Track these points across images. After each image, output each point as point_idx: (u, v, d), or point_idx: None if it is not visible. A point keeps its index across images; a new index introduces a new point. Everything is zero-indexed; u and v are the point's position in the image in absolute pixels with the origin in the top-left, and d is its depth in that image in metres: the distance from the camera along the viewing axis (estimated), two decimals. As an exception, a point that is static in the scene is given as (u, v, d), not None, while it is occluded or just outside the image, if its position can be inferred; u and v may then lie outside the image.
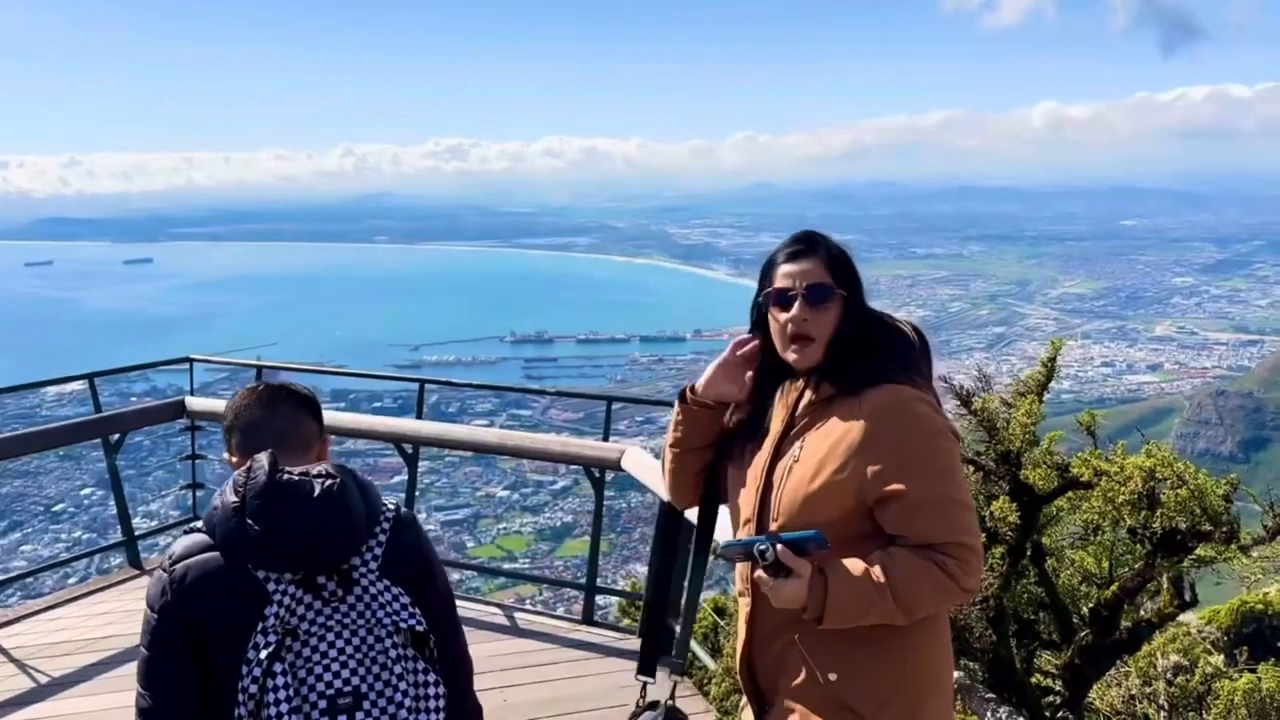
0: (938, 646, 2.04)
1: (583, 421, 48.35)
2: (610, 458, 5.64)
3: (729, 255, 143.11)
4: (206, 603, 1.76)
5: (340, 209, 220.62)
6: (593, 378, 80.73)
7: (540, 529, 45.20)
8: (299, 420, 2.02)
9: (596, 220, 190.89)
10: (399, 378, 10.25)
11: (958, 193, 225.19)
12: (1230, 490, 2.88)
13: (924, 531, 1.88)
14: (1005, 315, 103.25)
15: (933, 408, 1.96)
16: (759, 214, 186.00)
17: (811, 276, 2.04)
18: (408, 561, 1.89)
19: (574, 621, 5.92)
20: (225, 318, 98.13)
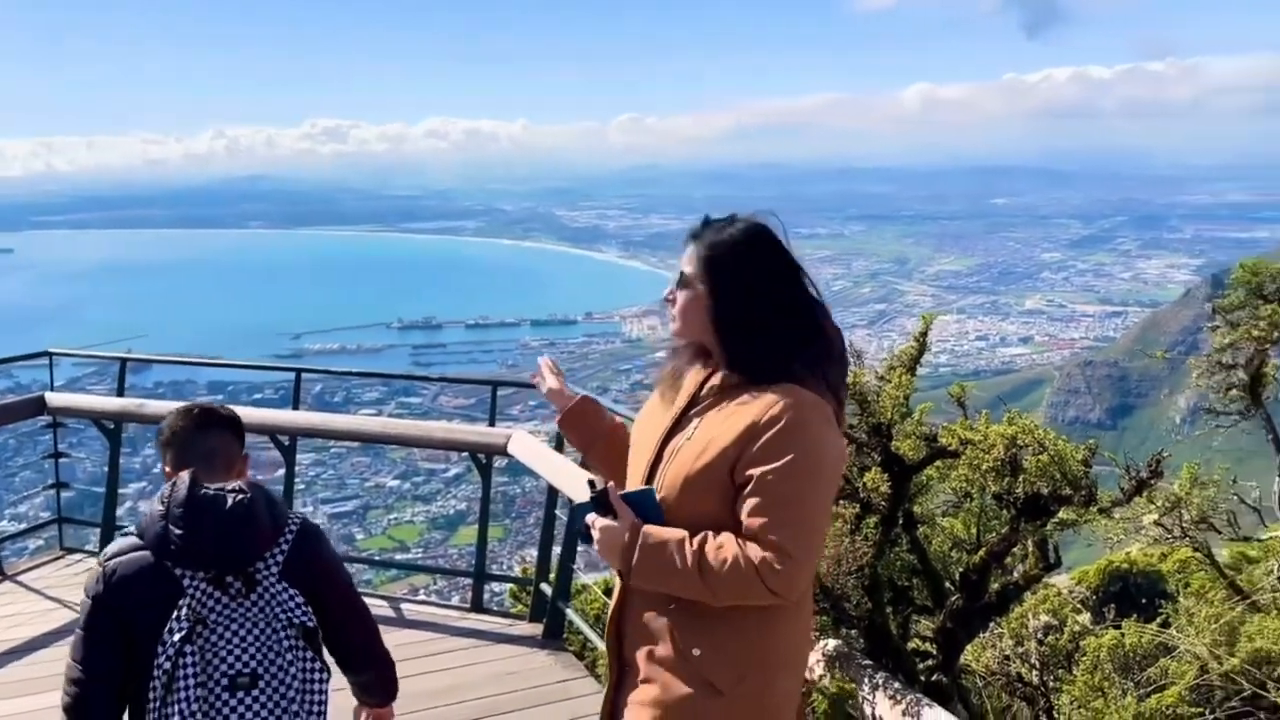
0: (797, 629, 2.09)
1: (474, 408, 47.86)
2: (496, 443, 5.58)
3: (618, 237, 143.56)
4: (132, 594, 2.13)
5: (213, 193, 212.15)
6: (483, 363, 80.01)
7: (433, 517, 44.65)
8: (226, 442, 2.40)
9: (483, 203, 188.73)
10: (275, 367, 9.91)
11: (838, 173, 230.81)
12: (1089, 455, 3.01)
13: (762, 525, 1.90)
14: (886, 293, 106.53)
15: (824, 415, 1.97)
16: (647, 195, 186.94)
17: (684, 263, 2.11)
18: (306, 566, 2.25)
19: (463, 610, 5.86)
20: (92, 309, 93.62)
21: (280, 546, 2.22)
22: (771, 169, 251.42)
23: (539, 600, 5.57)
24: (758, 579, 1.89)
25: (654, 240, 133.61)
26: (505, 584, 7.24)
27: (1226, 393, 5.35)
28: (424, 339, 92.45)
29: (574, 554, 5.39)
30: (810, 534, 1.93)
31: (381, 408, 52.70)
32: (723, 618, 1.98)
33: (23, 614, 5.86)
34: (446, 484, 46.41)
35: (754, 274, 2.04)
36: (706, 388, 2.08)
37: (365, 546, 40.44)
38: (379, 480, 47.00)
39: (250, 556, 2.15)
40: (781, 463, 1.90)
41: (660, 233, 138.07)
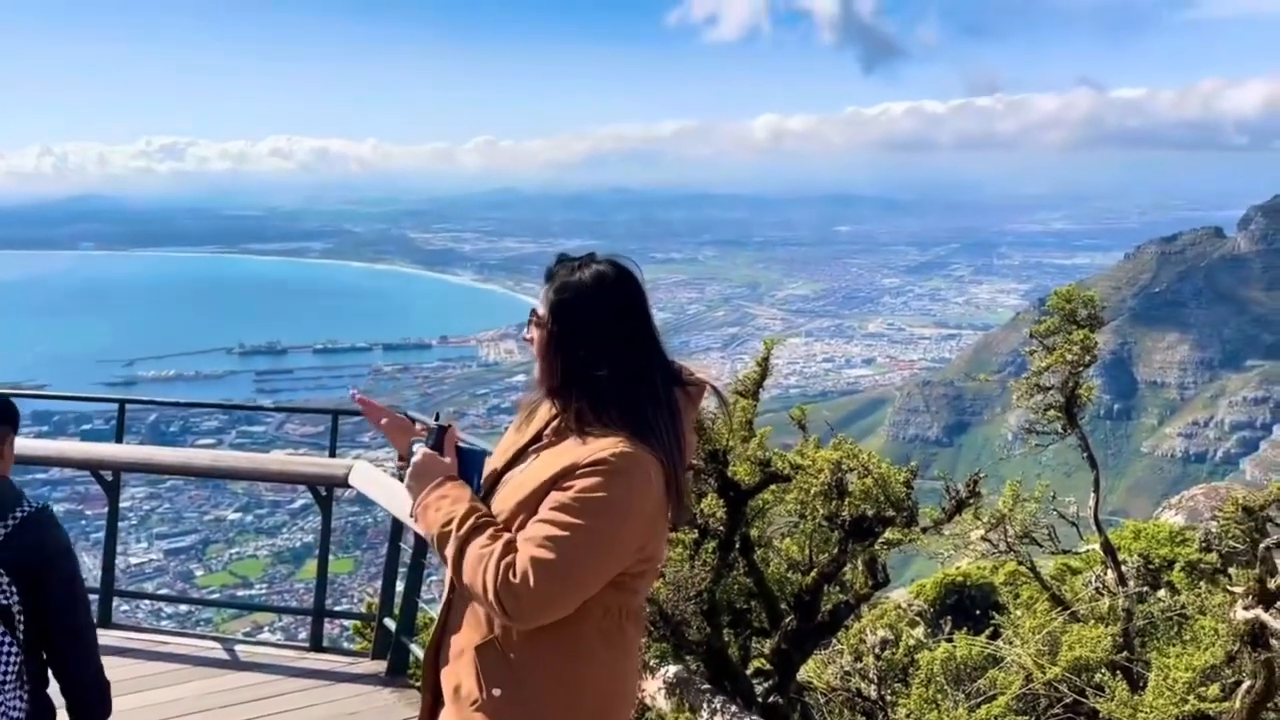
0: (614, 678, 2.05)
1: (323, 435, 46.17)
2: (337, 475, 5.39)
3: (473, 260, 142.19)
4: None
5: (39, 213, 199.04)
6: (332, 389, 77.53)
7: (278, 551, 42.94)
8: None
9: (332, 224, 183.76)
10: (98, 398, 9.36)
11: (692, 200, 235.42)
12: (910, 477, 3.15)
13: (523, 540, 1.88)
14: (738, 316, 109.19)
15: (645, 477, 1.93)
16: (503, 219, 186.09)
17: (539, 302, 2.07)
18: (23, 552, 2.47)
19: (302, 649, 5.63)
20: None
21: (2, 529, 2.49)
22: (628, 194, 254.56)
23: (383, 636, 5.41)
24: (493, 585, 1.83)
25: (510, 263, 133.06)
26: (351, 620, 7.01)
27: (1045, 413, 5.70)
28: (268, 364, 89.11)
29: (419, 587, 5.26)
30: (564, 573, 1.86)
31: (222, 437, 50.31)
32: (531, 656, 1.95)
33: None
34: (292, 515, 44.72)
35: (598, 323, 2.01)
36: (550, 426, 2.06)
37: (205, 584, 38.50)
38: (219, 513, 44.91)
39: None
40: (576, 495, 1.88)
41: (516, 256, 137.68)
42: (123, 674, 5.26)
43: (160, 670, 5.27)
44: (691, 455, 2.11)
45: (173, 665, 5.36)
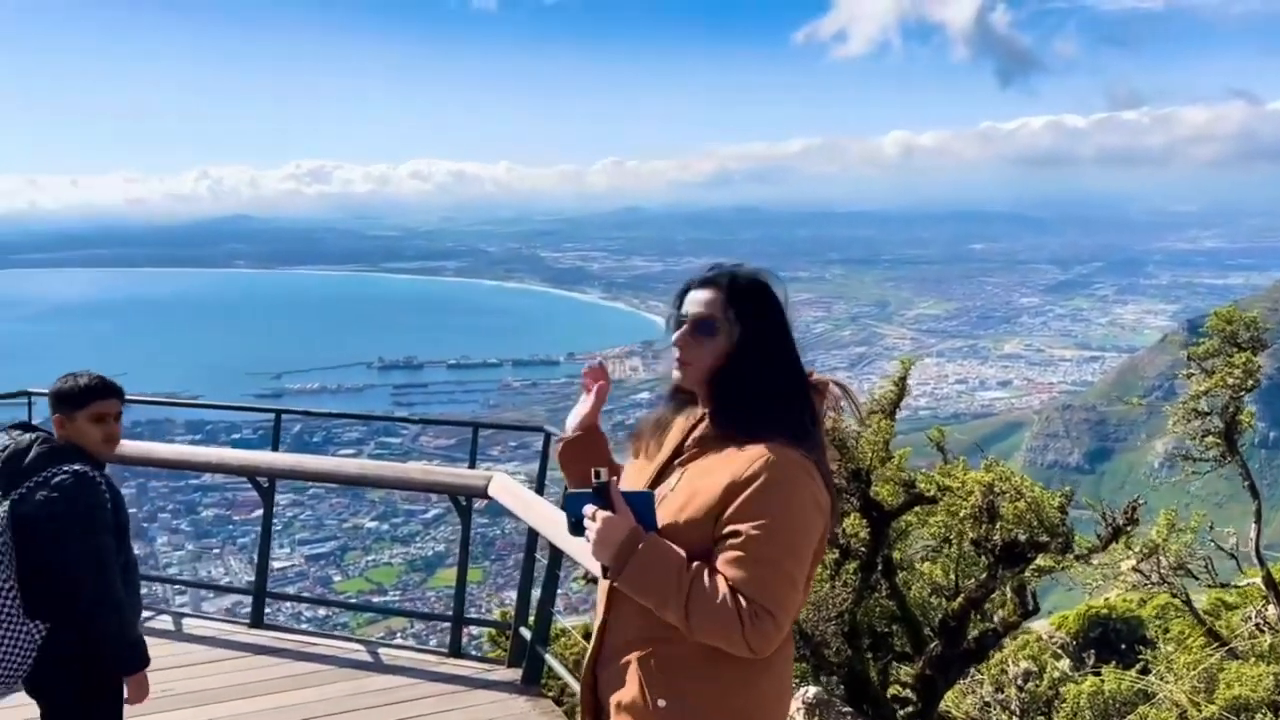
0: (772, 685, 2.06)
1: (455, 448, 47.51)
2: (477, 485, 5.54)
3: (601, 279, 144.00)
4: None
5: (195, 233, 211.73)
6: (464, 403, 79.62)
7: (411, 559, 44.16)
8: (54, 404, 3.28)
9: (466, 244, 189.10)
10: (254, 408, 9.89)
11: (818, 218, 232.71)
12: (1065, 502, 3.03)
13: (741, 580, 1.89)
14: (866, 335, 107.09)
15: (807, 473, 1.96)
16: (630, 238, 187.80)
17: (705, 307, 2.08)
18: (30, 503, 3.07)
19: (441, 654, 5.78)
20: (70, 348, 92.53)
21: (24, 486, 3.10)
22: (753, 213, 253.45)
23: (518, 644, 5.51)
24: (739, 629, 1.87)
25: (636, 282, 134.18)
26: (484, 628, 7.17)
27: (1203, 439, 5.40)
28: (405, 379, 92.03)
29: (554, 597, 5.35)
30: (790, 594, 1.93)
31: (361, 448, 52.24)
32: (695, 670, 1.96)
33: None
34: (425, 525, 46.00)
35: (769, 326, 2.07)
36: (692, 438, 2.08)
37: (343, 589, 39.89)
38: (357, 521, 46.53)
39: (8, 484, 3.10)
40: (762, 522, 1.89)
41: (643, 275, 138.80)
42: (275, 673, 5.52)
43: (309, 670, 5.51)
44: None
45: (320, 666, 5.59)
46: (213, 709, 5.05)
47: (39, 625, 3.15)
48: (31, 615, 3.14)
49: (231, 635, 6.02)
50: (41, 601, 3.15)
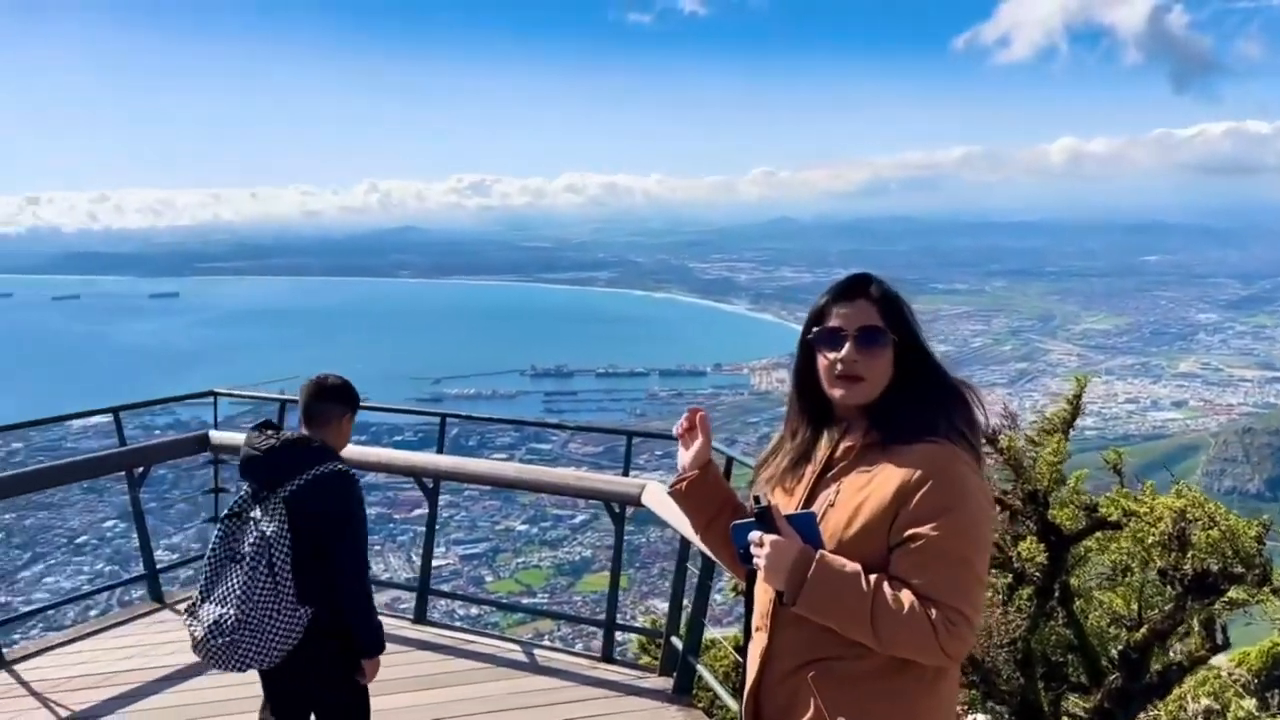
0: (945, 698, 2.02)
1: (602, 455, 48.19)
2: (631, 493, 5.61)
3: (748, 290, 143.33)
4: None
5: (364, 243, 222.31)
6: (612, 411, 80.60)
7: (559, 563, 44.97)
8: (325, 406, 3.70)
9: (617, 255, 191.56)
10: (420, 411, 10.25)
11: (978, 228, 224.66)
12: (1263, 532, 2.83)
13: (929, 583, 1.85)
14: (1028, 351, 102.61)
15: (974, 471, 1.94)
16: (779, 249, 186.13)
17: (863, 318, 2.04)
18: (307, 497, 3.44)
19: (593, 659, 5.87)
20: (248, 351, 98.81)
21: (296, 481, 3.45)
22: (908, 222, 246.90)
23: (669, 654, 5.54)
24: (933, 636, 1.82)
25: (785, 293, 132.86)
26: (633, 634, 7.23)
27: None
28: (555, 386, 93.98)
29: (705, 608, 5.35)
30: (979, 592, 1.89)
31: (513, 452, 53.57)
32: (872, 686, 1.92)
33: (176, 642, 6.15)
34: (573, 530, 46.76)
35: (915, 333, 2.05)
36: (841, 449, 2.05)
37: (494, 589, 40.96)
38: (508, 524, 47.70)
39: (272, 480, 3.47)
40: (943, 520, 1.85)
41: (791, 286, 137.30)
42: (438, 668, 5.73)
43: (469, 667, 5.68)
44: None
45: (480, 664, 5.77)
46: (381, 700, 5.25)
47: (307, 610, 3.47)
48: (301, 601, 3.46)
49: (397, 630, 6.27)
50: (311, 588, 3.46)
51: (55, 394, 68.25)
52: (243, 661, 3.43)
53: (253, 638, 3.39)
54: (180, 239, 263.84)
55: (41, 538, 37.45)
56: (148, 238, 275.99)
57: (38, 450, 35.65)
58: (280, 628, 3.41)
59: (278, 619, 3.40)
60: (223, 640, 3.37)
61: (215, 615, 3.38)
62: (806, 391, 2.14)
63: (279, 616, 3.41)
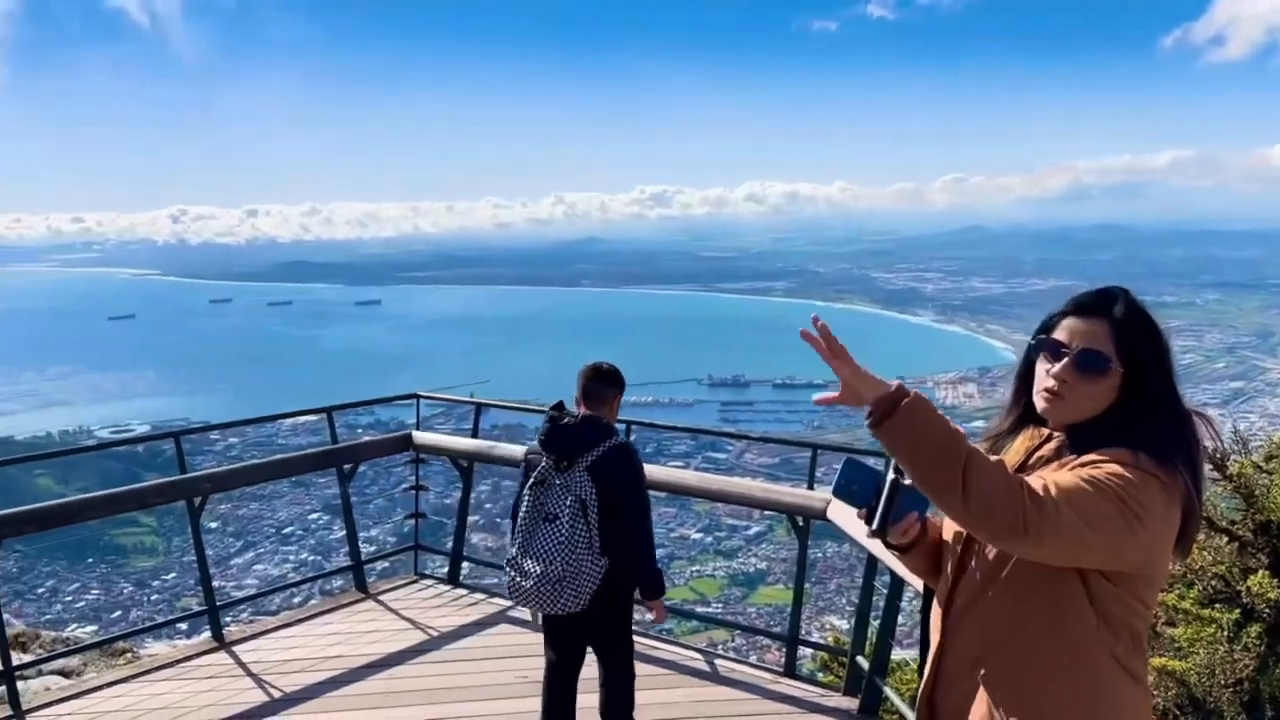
0: (1133, 703, 1.90)
1: (778, 467, 47.79)
2: (815, 507, 5.55)
3: (935, 300, 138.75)
4: (528, 463, 4.38)
5: (550, 254, 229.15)
6: (788, 423, 79.68)
7: (733, 574, 44.81)
8: (599, 387, 4.39)
9: (797, 264, 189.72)
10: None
11: (1191, 236, 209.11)
12: None
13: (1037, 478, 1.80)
14: (1244, 369, 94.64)
15: (1169, 501, 1.82)
16: (969, 258, 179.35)
17: (1090, 339, 1.94)
18: (604, 467, 4.17)
19: (775, 673, 5.82)
20: (443, 356, 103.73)
21: (594, 452, 4.17)
22: (1112, 231, 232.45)
23: (854, 672, 5.43)
24: (1019, 493, 1.72)
25: (974, 304, 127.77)
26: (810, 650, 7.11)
27: None
28: (732, 396, 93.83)
29: (894, 628, 5.21)
30: (1085, 509, 1.75)
31: (689, 460, 53.88)
32: (1045, 682, 1.86)
33: (381, 631, 6.52)
34: (748, 541, 46.50)
35: (1158, 372, 1.93)
36: (1035, 458, 2.00)
37: (669, 596, 41.27)
38: (683, 531, 47.95)
39: (571, 452, 4.17)
40: (1098, 472, 1.79)
41: (981, 297, 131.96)
42: (622, 670, 5.82)
43: (653, 673, 5.74)
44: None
45: (662, 670, 5.82)
46: (565, 698, 5.41)
47: (605, 560, 4.19)
48: (602, 553, 4.18)
49: (581, 631, 6.42)
50: (609, 541, 4.18)
51: (268, 392, 73.81)
52: (566, 605, 4.13)
53: (574, 585, 4.11)
54: (383, 250, 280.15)
55: (252, 527, 40.52)
56: (354, 248, 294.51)
57: (252, 445, 38.60)
58: (591, 575, 4.14)
59: (591, 568, 4.14)
60: (550, 587, 4.09)
61: (541, 568, 4.10)
62: (1022, 392, 2.10)
63: (591, 566, 4.14)
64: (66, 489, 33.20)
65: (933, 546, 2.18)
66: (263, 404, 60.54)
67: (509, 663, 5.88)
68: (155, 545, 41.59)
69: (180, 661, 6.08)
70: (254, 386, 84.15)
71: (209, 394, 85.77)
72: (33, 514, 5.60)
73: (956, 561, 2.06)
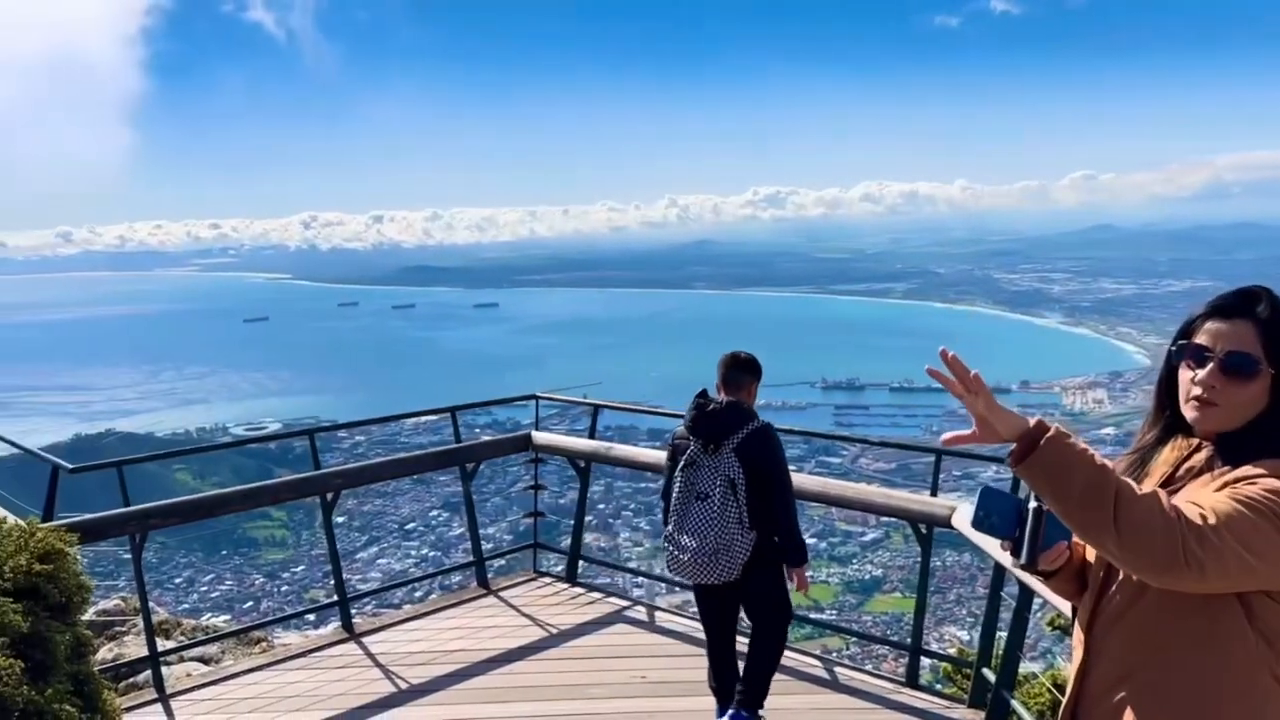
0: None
1: (894, 473, 46.78)
2: (940, 514, 5.41)
3: (1062, 302, 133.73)
4: (674, 446, 4.86)
5: (663, 257, 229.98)
6: (905, 428, 77.90)
7: (848, 581, 44.10)
8: (738, 375, 4.79)
9: (915, 265, 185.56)
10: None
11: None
12: None
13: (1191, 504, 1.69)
14: None
15: None
16: (1098, 258, 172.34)
17: (1235, 341, 1.84)
18: (750, 448, 4.58)
19: (896, 683, 5.70)
20: (557, 357, 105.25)
21: (739, 435, 4.58)
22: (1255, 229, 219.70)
23: (979, 685, 5.27)
24: (1175, 526, 1.61)
25: (1104, 306, 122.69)
26: (929, 660, 6.94)
27: None
28: (846, 400, 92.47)
29: (1023, 640, 5.04)
30: (1241, 555, 1.63)
31: (801, 465, 53.21)
32: (1195, 702, 1.76)
33: (500, 627, 6.65)
34: (863, 548, 45.69)
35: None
36: (1184, 469, 1.90)
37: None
38: (798, 535, 47.53)
39: (719, 436, 4.58)
40: (1254, 490, 1.68)
41: (1112, 298, 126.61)
42: (739, 674, 5.79)
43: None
44: None
45: (780, 675, 5.75)
46: (681, 702, 5.42)
47: (753, 534, 4.59)
48: (750, 527, 4.57)
49: (699, 633, 6.41)
50: (756, 516, 4.58)
51: (391, 392, 76.26)
52: (721, 575, 4.58)
53: (727, 556, 4.55)
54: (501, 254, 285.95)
55: (376, 523, 41.88)
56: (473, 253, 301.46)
57: (376, 443, 39.87)
58: (741, 548, 4.55)
59: (741, 542, 4.55)
60: (706, 560, 4.54)
61: (696, 542, 4.54)
62: (1165, 402, 2.01)
63: (741, 540, 4.55)
64: (203, 484, 35.04)
65: (1078, 566, 2.09)
66: (386, 403, 62.60)
67: (627, 662, 5.92)
68: (285, 538, 43.47)
69: (312, 651, 6.33)
70: (378, 386, 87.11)
71: (336, 393, 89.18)
72: (177, 507, 5.91)
73: (1100, 577, 1.97)
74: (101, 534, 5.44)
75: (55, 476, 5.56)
